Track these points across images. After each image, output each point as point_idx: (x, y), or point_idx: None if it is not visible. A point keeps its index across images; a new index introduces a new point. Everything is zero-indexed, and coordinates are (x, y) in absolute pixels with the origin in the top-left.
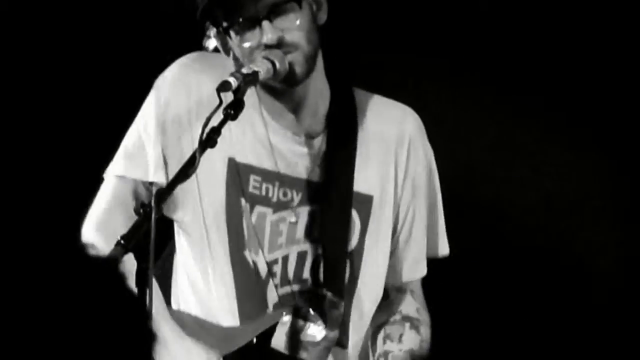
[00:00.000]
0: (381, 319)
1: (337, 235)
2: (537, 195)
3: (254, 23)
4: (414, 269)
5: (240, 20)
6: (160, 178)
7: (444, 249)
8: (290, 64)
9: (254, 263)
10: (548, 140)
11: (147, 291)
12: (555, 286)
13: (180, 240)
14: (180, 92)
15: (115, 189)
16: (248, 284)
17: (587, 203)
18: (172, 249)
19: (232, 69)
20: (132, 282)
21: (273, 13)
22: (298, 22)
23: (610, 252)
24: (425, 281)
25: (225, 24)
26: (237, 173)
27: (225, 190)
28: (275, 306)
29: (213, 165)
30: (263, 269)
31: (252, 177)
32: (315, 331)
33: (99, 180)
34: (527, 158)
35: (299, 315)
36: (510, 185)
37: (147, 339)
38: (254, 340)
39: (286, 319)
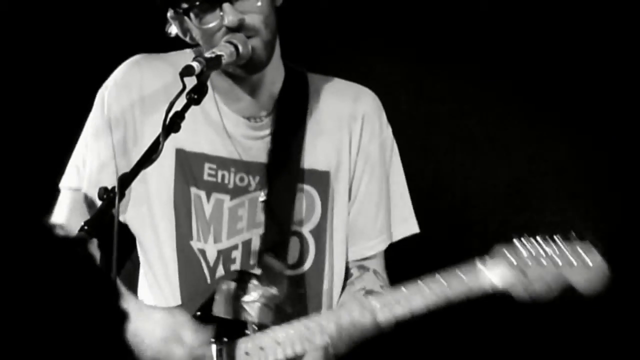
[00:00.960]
0: (344, 297)
1: (287, 215)
2: (501, 181)
3: (213, 5)
4: (370, 245)
5: (200, 1)
6: (105, 182)
7: (411, 228)
8: (253, 49)
9: (201, 251)
10: (512, 127)
11: (111, 275)
12: None
13: (137, 243)
14: (123, 92)
15: (70, 199)
16: (192, 273)
17: (550, 188)
18: (134, 263)
19: (175, 62)
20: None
21: None
22: (259, 3)
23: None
24: (391, 268)
25: (185, 5)
26: (188, 163)
27: (173, 181)
28: (219, 278)
29: (161, 158)
30: (212, 257)
31: (206, 165)
32: (251, 291)
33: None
34: (491, 145)
35: (234, 280)
36: (475, 171)
37: (118, 315)
38: (197, 313)
39: (222, 286)
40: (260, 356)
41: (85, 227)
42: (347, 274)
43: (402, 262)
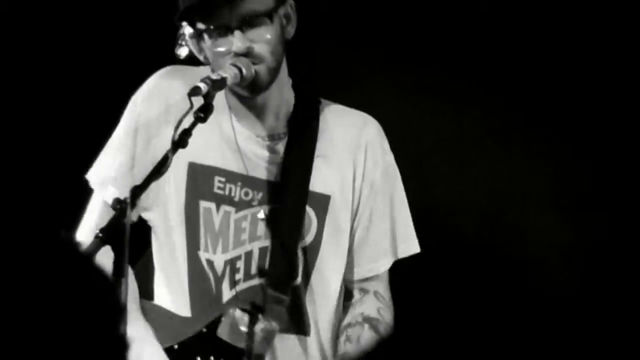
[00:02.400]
0: (346, 320)
1: (289, 232)
2: (484, 192)
3: (226, 30)
4: (371, 267)
5: (215, 26)
6: (127, 184)
7: (412, 248)
8: (256, 73)
9: (209, 262)
10: (495, 140)
11: (123, 281)
12: (504, 277)
13: (153, 239)
14: (151, 102)
15: (99, 200)
16: (200, 282)
17: (530, 198)
18: (149, 257)
19: (201, 77)
20: (109, 273)
21: (245, 24)
22: (268, 35)
23: (555, 242)
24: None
25: (201, 27)
26: (198, 176)
27: (185, 194)
28: (231, 300)
29: (176, 170)
30: (219, 267)
31: (216, 178)
32: (256, 323)
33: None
34: (474, 157)
35: (242, 308)
36: (458, 183)
37: (121, 343)
38: (204, 329)
39: (231, 311)
40: None
41: (100, 235)
42: (349, 295)
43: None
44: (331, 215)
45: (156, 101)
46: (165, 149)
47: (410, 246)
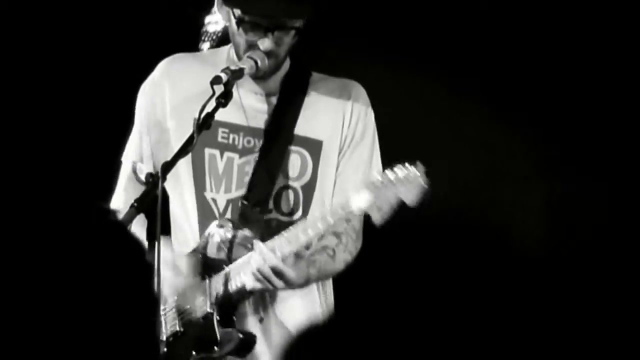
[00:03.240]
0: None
1: (273, 169)
2: (469, 167)
3: (260, 27)
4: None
5: (252, 21)
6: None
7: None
8: (267, 65)
9: (214, 200)
10: (473, 109)
11: (155, 243)
12: (486, 244)
13: (167, 186)
14: (159, 86)
15: (127, 171)
16: (206, 218)
17: (508, 166)
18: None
19: (206, 60)
20: (142, 237)
21: (277, 29)
22: (288, 41)
23: (533, 212)
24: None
25: (239, 15)
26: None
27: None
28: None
29: (182, 125)
30: (221, 205)
31: (220, 129)
32: (225, 232)
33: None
34: (461, 134)
35: (220, 226)
36: (444, 158)
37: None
38: (200, 254)
39: (212, 230)
40: (235, 281)
41: (135, 204)
42: None
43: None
44: (324, 157)
45: (165, 84)
46: (187, 126)
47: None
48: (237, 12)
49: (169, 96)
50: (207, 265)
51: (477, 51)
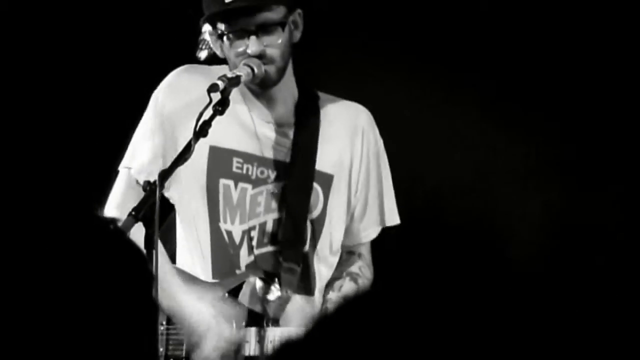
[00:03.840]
0: (332, 276)
1: (299, 205)
2: (468, 170)
3: (243, 34)
4: (366, 234)
5: (234, 30)
6: (158, 168)
7: (395, 219)
8: (266, 72)
9: (228, 232)
10: (474, 120)
11: (154, 252)
12: (483, 251)
13: (178, 214)
14: (174, 96)
15: (127, 178)
16: (221, 249)
17: (508, 176)
18: (172, 221)
19: (215, 75)
20: (141, 246)
21: (261, 30)
22: (279, 40)
23: (530, 218)
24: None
25: (221, 30)
26: (219, 158)
27: (206, 173)
28: (249, 266)
29: (198, 153)
30: (237, 236)
31: (234, 159)
32: (272, 292)
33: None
34: (460, 139)
35: (261, 278)
36: (445, 164)
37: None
38: (226, 294)
39: (252, 279)
40: (269, 348)
41: (133, 213)
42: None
43: (386, 246)
44: (334, 192)
45: (177, 96)
46: (186, 138)
47: (393, 218)
48: (220, 27)
49: (177, 108)
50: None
51: (475, 57)
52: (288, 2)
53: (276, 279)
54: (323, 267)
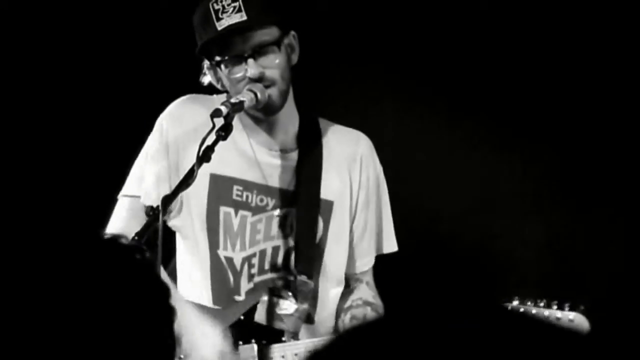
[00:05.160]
0: (345, 304)
1: (308, 232)
2: (465, 196)
3: (240, 59)
4: (365, 262)
5: (230, 56)
6: (163, 192)
7: (393, 246)
8: (269, 96)
9: (228, 259)
10: (473, 146)
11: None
12: (483, 276)
13: (177, 241)
14: (177, 123)
15: (129, 206)
16: (221, 277)
17: (508, 202)
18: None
19: (217, 104)
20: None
21: (257, 52)
22: (277, 61)
23: (531, 244)
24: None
25: (218, 59)
26: (219, 186)
27: (207, 200)
28: (249, 292)
29: (199, 181)
30: (237, 263)
31: (235, 187)
32: (288, 305)
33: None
34: (456, 163)
35: (274, 294)
36: (441, 188)
37: (168, 312)
38: (241, 317)
39: (264, 298)
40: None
41: (136, 238)
42: (346, 284)
43: (384, 271)
44: (334, 219)
45: (180, 123)
46: (190, 164)
47: (391, 245)
48: (216, 55)
49: (180, 134)
50: (252, 331)
51: (475, 83)
52: (280, 23)
53: (290, 293)
54: (324, 296)
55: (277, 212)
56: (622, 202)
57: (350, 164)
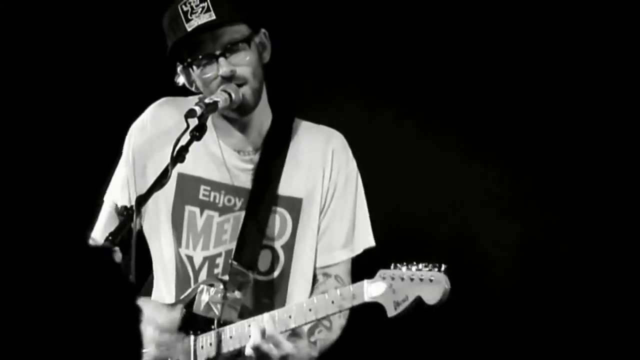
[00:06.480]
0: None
1: (255, 227)
2: (445, 200)
3: (211, 59)
4: (328, 256)
5: (201, 56)
6: (126, 197)
7: (369, 242)
8: (243, 96)
9: (188, 257)
10: (454, 151)
11: (130, 277)
12: (463, 279)
13: (148, 240)
14: (148, 129)
15: (108, 208)
16: (182, 274)
17: (488, 206)
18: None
19: (192, 105)
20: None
21: (228, 51)
22: (247, 58)
23: (510, 248)
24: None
25: (189, 60)
26: (186, 185)
27: (173, 199)
28: (194, 287)
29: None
30: (197, 262)
31: (202, 187)
32: (218, 294)
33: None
34: (435, 167)
35: (207, 285)
36: (417, 188)
37: (134, 310)
38: (184, 310)
39: (203, 289)
40: (228, 345)
41: (110, 238)
42: (315, 279)
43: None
44: (304, 215)
45: (151, 127)
46: (162, 166)
47: (367, 241)
48: (187, 56)
49: (148, 140)
50: (190, 322)
51: (454, 88)
52: (250, 21)
53: (221, 284)
54: (297, 292)
55: (243, 212)
56: (598, 203)
57: (322, 160)
